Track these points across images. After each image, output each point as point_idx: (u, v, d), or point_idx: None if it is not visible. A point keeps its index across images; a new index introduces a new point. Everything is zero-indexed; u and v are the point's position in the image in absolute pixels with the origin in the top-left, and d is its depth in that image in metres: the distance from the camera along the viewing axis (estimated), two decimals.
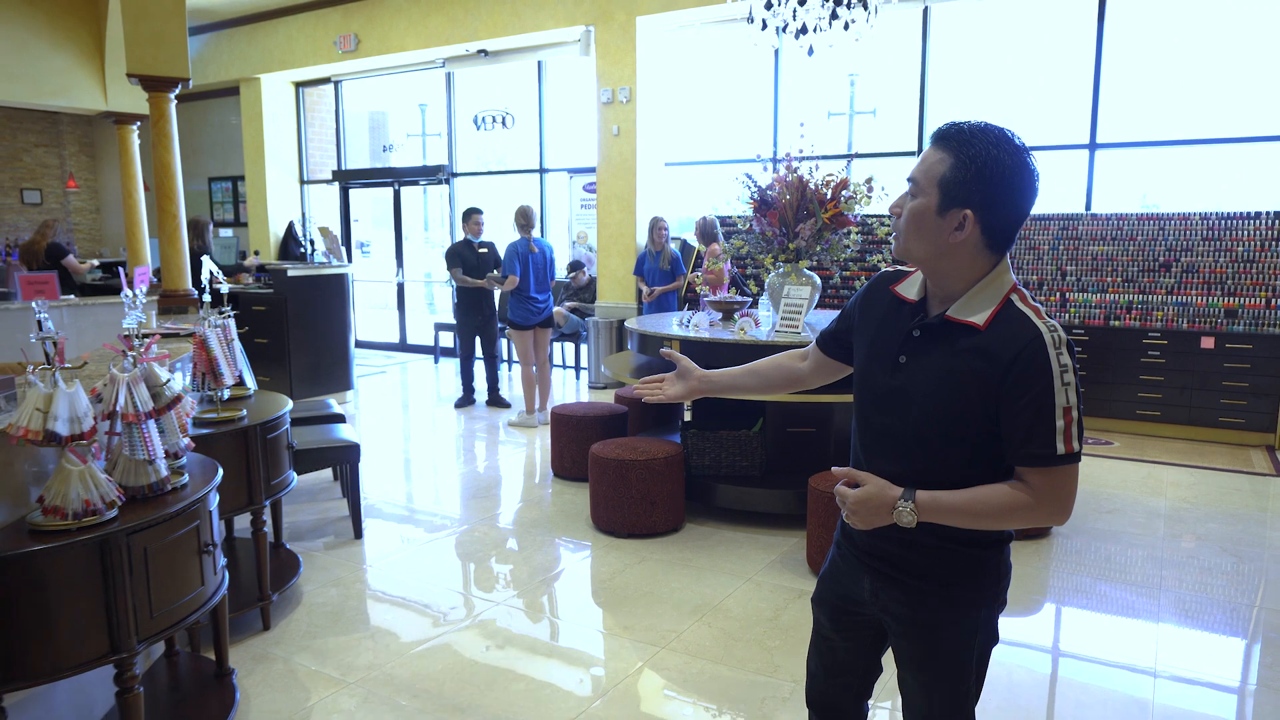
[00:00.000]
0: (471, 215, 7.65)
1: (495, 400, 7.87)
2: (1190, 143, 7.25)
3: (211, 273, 3.53)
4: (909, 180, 1.54)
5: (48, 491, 2.17)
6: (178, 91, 4.83)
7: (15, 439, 2.10)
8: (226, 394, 3.47)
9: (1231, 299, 6.53)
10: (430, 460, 6.39)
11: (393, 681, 3.14)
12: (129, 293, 3.06)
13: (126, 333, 2.50)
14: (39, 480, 2.35)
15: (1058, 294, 7.10)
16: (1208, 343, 6.54)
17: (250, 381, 3.73)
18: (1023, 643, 3.47)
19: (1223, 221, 6.62)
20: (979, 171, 1.45)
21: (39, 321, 2.15)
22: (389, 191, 11.30)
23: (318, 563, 4.26)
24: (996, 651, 1.70)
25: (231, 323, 3.57)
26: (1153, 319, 6.77)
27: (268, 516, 3.56)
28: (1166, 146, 7.36)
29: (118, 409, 2.33)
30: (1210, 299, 6.60)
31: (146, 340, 2.52)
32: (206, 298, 3.45)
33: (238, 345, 3.57)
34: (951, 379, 1.50)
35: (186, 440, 2.65)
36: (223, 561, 2.71)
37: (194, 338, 3.30)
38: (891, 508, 1.52)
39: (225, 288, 3.66)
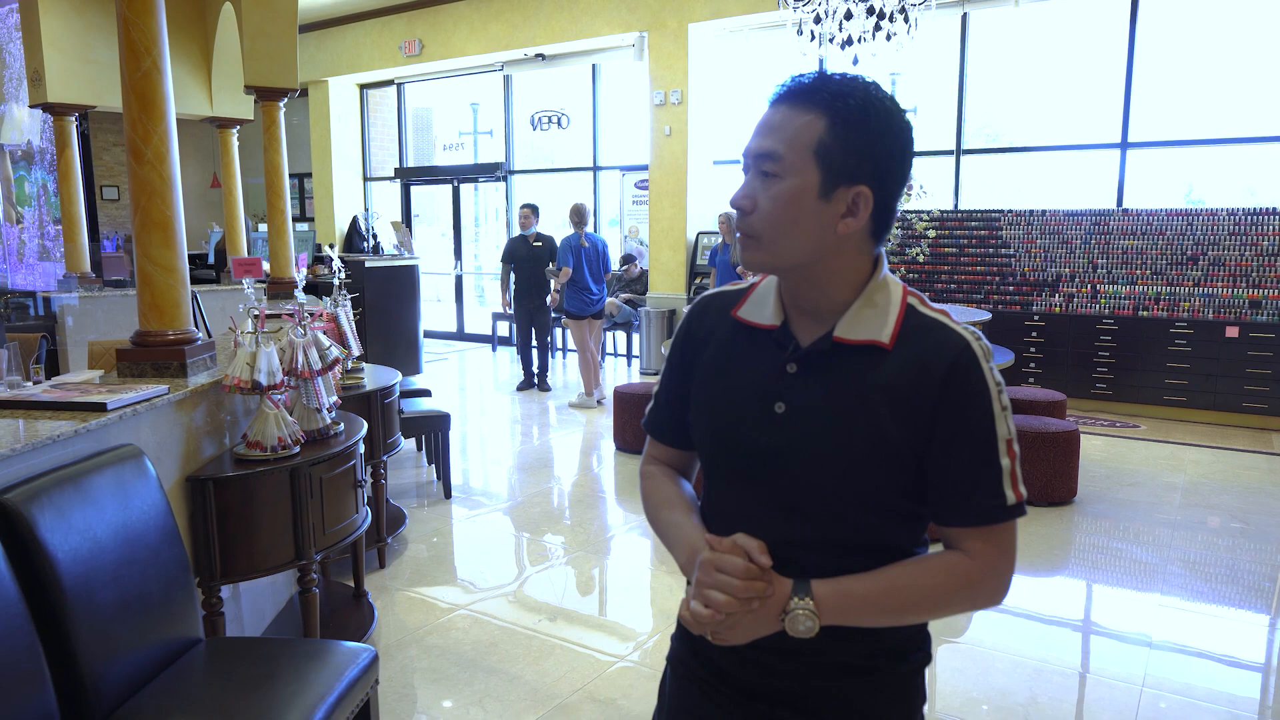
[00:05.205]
0: (520, 210, 8.23)
1: (542, 385, 8.41)
2: (1219, 142, 7.58)
3: (341, 262, 4.11)
4: (759, 156, 1.10)
5: (250, 429, 2.74)
6: (286, 101, 5.43)
7: (228, 387, 2.67)
8: (350, 364, 4.04)
9: (1256, 290, 6.87)
10: (500, 436, 6.96)
11: (495, 604, 3.70)
12: (248, 288, 3.55)
13: (300, 305, 3.06)
14: (230, 425, 2.92)
15: (1089, 286, 7.48)
16: (1232, 332, 6.89)
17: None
18: (1037, 611, 3.94)
19: (1249, 217, 6.96)
20: (869, 133, 1.07)
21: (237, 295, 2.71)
22: (446, 188, 11.92)
23: (416, 517, 4.83)
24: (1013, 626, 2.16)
25: (349, 303, 4.14)
26: (1180, 310, 7.12)
27: (385, 470, 4.13)
28: (1196, 146, 7.70)
29: (297, 367, 2.89)
30: (1235, 290, 6.94)
31: (311, 316, 3.09)
32: (338, 280, 4.03)
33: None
34: (860, 421, 1.09)
35: (335, 398, 3.22)
36: (367, 499, 3.27)
37: (326, 315, 3.87)
38: (781, 612, 1.08)
39: (308, 277, 4.22)
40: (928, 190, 5.45)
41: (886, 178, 1.09)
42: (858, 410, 1.10)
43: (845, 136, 1.06)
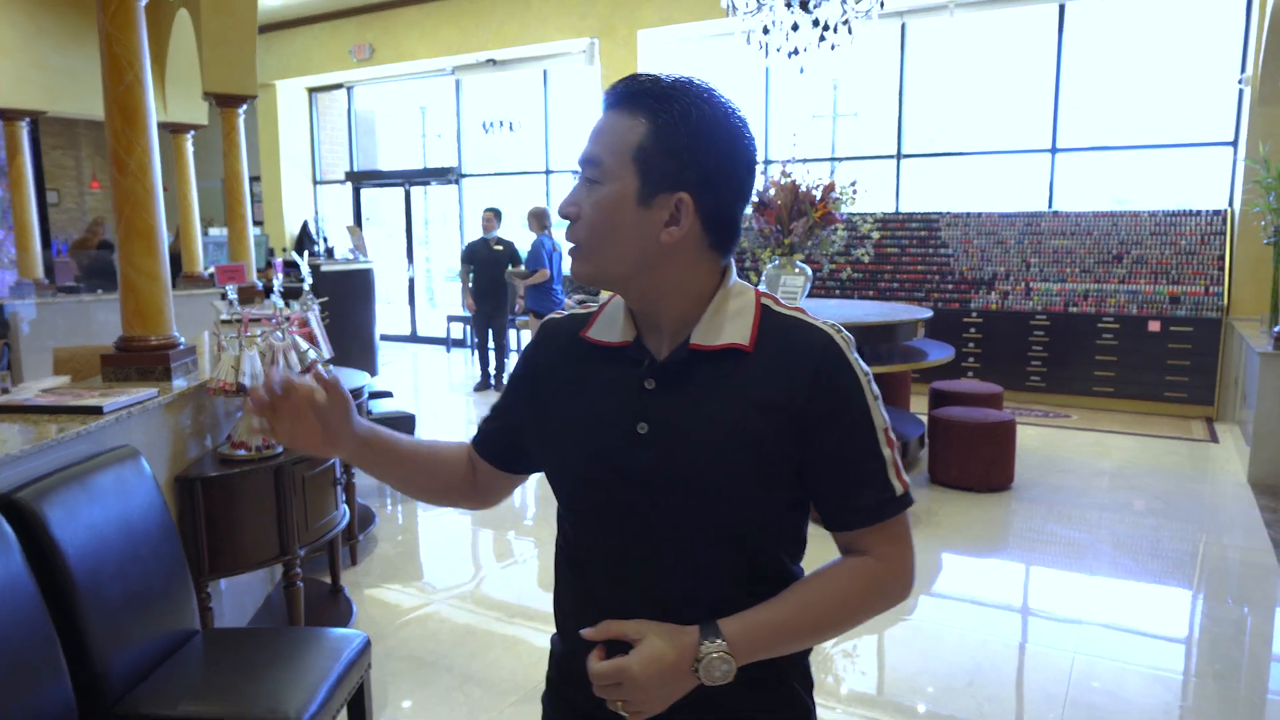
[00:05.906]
0: (484, 213, 8.33)
1: (498, 385, 8.52)
2: (1140, 148, 8.04)
3: (305, 268, 4.20)
4: (584, 162, 1.06)
5: (235, 430, 2.84)
6: (245, 107, 5.48)
7: (212, 390, 2.77)
8: (320, 366, 4.14)
9: (1175, 287, 7.31)
10: (460, 436, 6.99)
11: (467, 598, 3.84)
12: (230, 294, 3.64)
13: (276, 311, 3.17)
14: (211, 427, 3.01)
15: (1023, 284, 7.86)
16: (1154, 326, 7.31)
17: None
18: (977, 596, 4.21)
19: (1169, 218, 7.40)
20: (690, 137, 1.02)
21: (228, 301, 2.82)
22: (398, 191, 11.93)
23: (384, 516, 4.93)
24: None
25: (318, 307, 4.23)
26: (1107, 305, 7.53)
27: (356, 471, 4.23)
28: (1120, 151, 8.14)
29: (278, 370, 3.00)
30: (1157, 287, 7.37)
31: (289, 320, 3.20)
32: (306, 284, 4.12)
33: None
34: (729, 429, 1.03)
35: None
36: (343, 496, 3.38)
37: (296, 317, 3.97)
38: (693, 662, 0.99)
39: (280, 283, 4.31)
40: (869, 191, 5.73)
41: (710, 185, 1.03)
42: (725, 419, 1.03)
43: (665, 141, 1.01)
